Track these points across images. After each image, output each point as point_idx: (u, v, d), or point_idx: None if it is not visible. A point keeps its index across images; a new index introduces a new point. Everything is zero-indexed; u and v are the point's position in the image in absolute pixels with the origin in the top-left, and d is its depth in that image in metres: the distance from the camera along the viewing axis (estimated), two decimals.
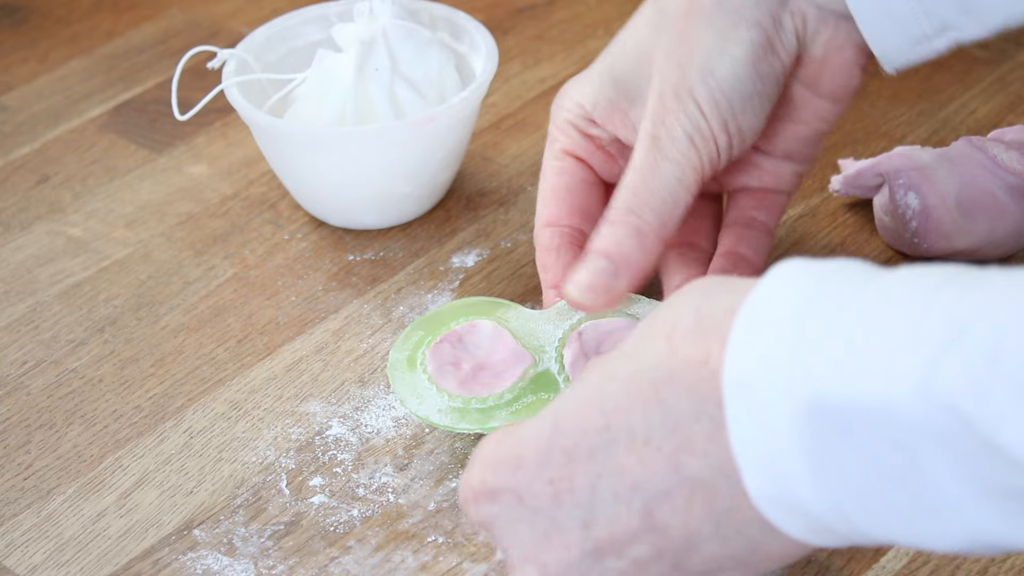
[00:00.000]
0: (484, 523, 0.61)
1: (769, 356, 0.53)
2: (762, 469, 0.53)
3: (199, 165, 0.92)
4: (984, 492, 0.50)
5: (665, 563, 0.57)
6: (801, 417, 0.52)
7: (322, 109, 0.84)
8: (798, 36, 0.73)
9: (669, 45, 0.72)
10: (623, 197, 0.71)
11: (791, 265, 0.55)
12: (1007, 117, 0.91)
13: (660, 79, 0.72)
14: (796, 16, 0.72)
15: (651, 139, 0.71)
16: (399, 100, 0.84)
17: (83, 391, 0.79)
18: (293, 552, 0.70)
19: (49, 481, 0.74)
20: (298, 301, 0.83)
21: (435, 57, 0.85)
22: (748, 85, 0.71)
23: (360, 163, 0.83)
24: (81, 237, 0.88)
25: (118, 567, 0.70)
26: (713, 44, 0.71)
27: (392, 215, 0.86)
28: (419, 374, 0.73)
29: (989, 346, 0.49)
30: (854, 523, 0.53)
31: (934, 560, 0.68)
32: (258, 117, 0.83)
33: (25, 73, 1.00)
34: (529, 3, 1.04)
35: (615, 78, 0.75)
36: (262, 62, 0.88)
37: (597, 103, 0.76)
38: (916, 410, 0.50)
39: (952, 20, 0.70)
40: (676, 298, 0.58)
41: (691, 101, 0.71)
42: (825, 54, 0.73)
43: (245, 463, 0.74)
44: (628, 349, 0.58)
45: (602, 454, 0.57)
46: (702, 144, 0.71)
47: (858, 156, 0.88)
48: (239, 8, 1.05)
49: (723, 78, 0.71)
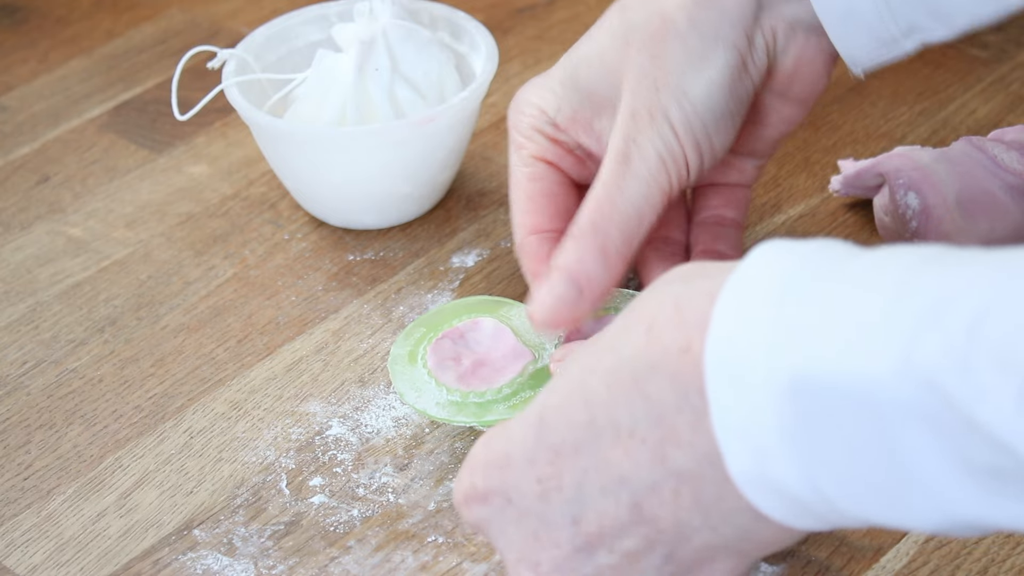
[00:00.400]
0: (477, 526, 0.61)
1: (749, 335, 0.53)
2: (744, 451, 0.53)
3: (199, 165, 0.92)
4: (964, 470, 0.50)
5: (657, 555, 0.57)
6: (782, 396, 0.52)
7: (322, 109, 0.84)
8: (768, 52, 0.73)
9: (641, 63, 0.71)
10: (588, 212, 0.71)
11: (772, 246, 0.55)
12: (1007, 117, 0.91)
13: (632, 97, 0.71)
14: (767, 33, 0.72)
15: (621, 156, 0.71)
16: (399, 100, 0.84)
17: (83, 391, 0.79)
18: (293, 552, 0.70)
19: (49, 481, 0.74)
20: (298, 301, 0.83)
21: (435, 57, 0.85)
22: (721, 106, 0.71)
23: (360, 163, 0.83)
24: (81, 237, 0.88)
25: (118, 567, 0.70)
26: (687, 66, 0.71)
27: (392, 215, 0.86)
28: (419, 368, 0.73)
29: (970, 322, 0.48)
30: (834, 503, 0.53)
31: (934, 560, 0.68)
32: (258, 117, 0.83)
33: (25, 73, 1.00)
34: (529, 3, 1.04)
35: (579, 87, 0.74)
36: (262, 62, 0.88)
37: (560, 110, 0.75)
38: (896, 387, 0.50)
39: (919, 22, 0.70)
40: (655, 287, 0.58)
41: (665, 122, 0.71)
42: (795, 66, 0.74)
43: (245, 463, 0.74)
44: (608, 340, 0.58)
45: (588, 449, 0.57)
46: (672, 165, 0.71)
47: (858, 156, 0.88)
48: (239, 8, 1.05)
49: (697, 100, 0.71)
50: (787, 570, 0.68)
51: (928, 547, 0.68)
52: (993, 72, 0.94)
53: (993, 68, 0.95)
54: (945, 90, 0.93)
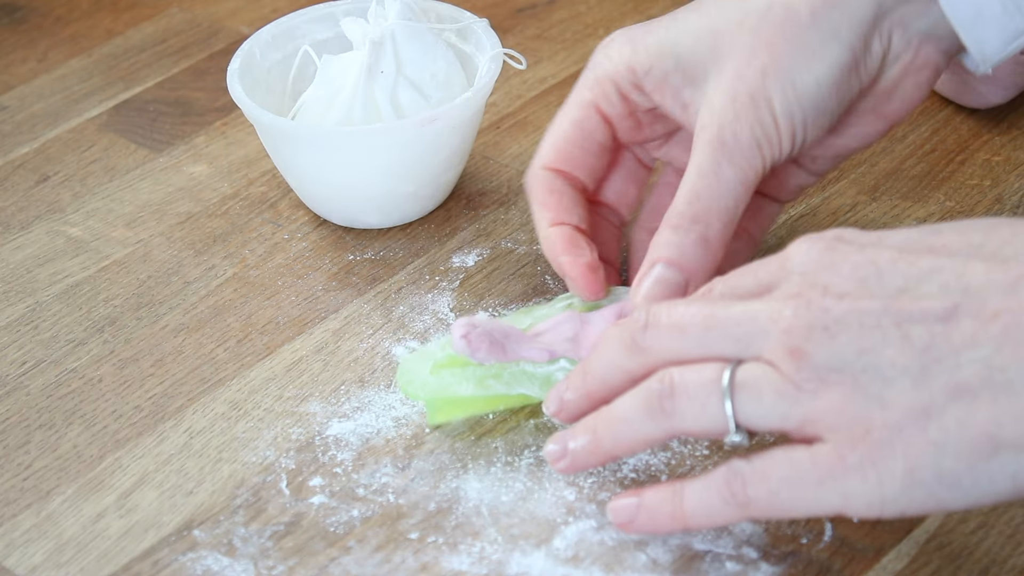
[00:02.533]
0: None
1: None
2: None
3: (199, 165, 0.92)
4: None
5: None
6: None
7: (330, 110, 0.84)
8: (882, 58, 0.73)
9: (753, 47, 0.71)
10: (687, 200, 0.71)
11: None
12: (1009, 116, 0.91)
13: (736, 79, 0.71)
14: (884, 38, 0.72)
15: (718, 142, 0.71)
16: (401, 103, 0.84)
17: (83, 391, 0.78)
18: (293, 552, 0.70)
19: (49, 481, 0.74)
20: (298, 301, 0.83)
21: (442, 57, 0.85)
22: (825, 102, 0.72)
23: (362, 163, 0.83)
24: (81, 237, 0.88)
25: (118, 567, 0.70)
26: (801, 58, 0.71)
27: (395, 215, 0.86)
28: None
29: None
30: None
31: (935, 560, 0.68)
32: (262, 116, 0.83)
33: (25, 73, 1.00)
34: (529, 3, 1.04)
35: (677, 54, 0.74)
36: (268, 60, 0.88)
37: (650, 72, 0.74)
38: None
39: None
40: None
41: (767, 109, 0.71)
42: (900, 76, 0.73)
43: (245, 463, 0.74)
44: None
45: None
46: (768, 150, 0.71)
47: (856, 157, 0.88)
48: (239, 8, 1.05)
49: (804, 93, 0.71)
50: (788, 570, 0.68)
51: (929, 547, 0.68)
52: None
53: None
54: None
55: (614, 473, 0.72)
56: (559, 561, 0.69)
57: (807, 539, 0.69)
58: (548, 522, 0.70)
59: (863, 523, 0.69)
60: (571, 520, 0.70)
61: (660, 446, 0.73)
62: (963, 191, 0.86)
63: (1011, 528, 0.69)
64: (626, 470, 0.72)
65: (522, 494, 0.72)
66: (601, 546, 0.69)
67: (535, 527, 0.70)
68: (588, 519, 0.70)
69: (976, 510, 0.69)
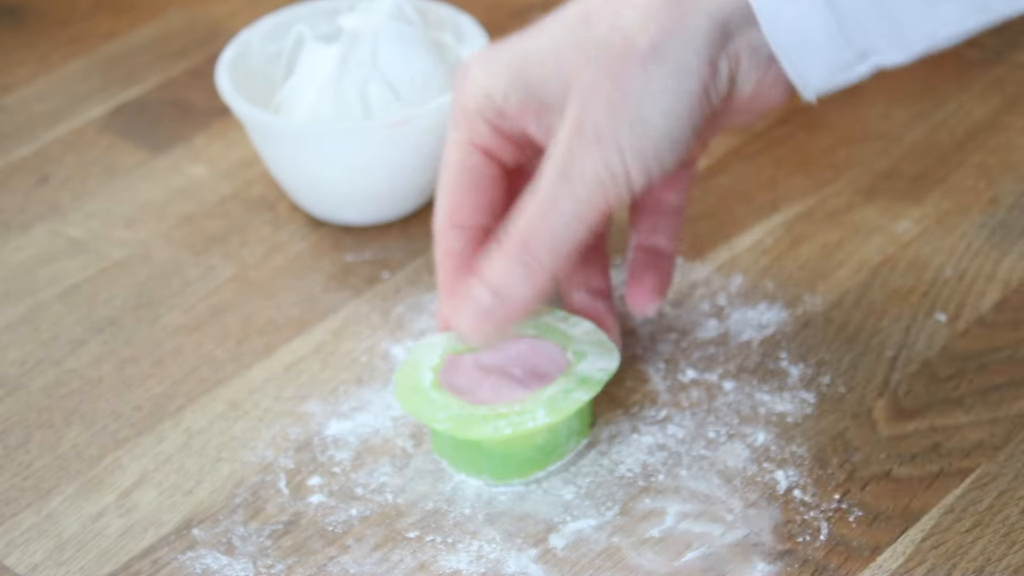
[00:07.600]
0: None
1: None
2: None
3: (198, 165, 0.92)
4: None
5: None
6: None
7: (304, 101, 0.84)
8: (731, 79, 0.69)
9: (596, 78, 0.68)
10: (520, 226, 0.69)
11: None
12: (1003, 119, 0.91)
13: (581, 111, 0.68)
14: (731, 59, 0.69)
15: (560, 174, 0.68)
16: (371, 99, 0.83)
17: (83, 391, 0.79)
18: (292, 551, 0.70)
19: (49, 481, 0.74)
20: (297, 301, 0.83)
21: (423, 60, 0.85)
22: (676, 133, 0.68)
23: (335, 161, 0.83)
24: (81, 238, 0.88)
25: (117, 566, 0.70)
26: (645, 93, 0.67)
27: (372, 213, 0.86)
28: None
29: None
30: None
31: (930, 559, 0.68)
32: (239, 105, 0.83)
33: (25, 74, 1.00)
34: (529, 4, 1.04)
35: (527, 82, 0.71)
36: (267, 51, 0.88)
37: (508, 97, 0.71)
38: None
39: (874, 46, 0.67)
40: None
41: (613, 146, 0.67)
42: (755, 91, 0.70)
43: (244, 463, 0.74)
44: None
45: None
46: (613, 188, 0.68)
47: (854, 157, 0.89)
48: (239, 8, 1.05)
49: (654, 126, 0.67)
50: (784, 569, 0.68)
51: (925, 546, 0.69)
52: (989, 74, 0.94)
53: (989, 69, 0.95)
54: (941, 91, 0.94)
55: (611, 472, 0.72)
56: (557, 560, 0.69)
57: (803, 538, 0.69)
58: (545, 521, 0.71)
59: (859, 522, 0.69)
60: (568, 519, 0.71)
61: (656, 446, 0.73)
62: (958, 192, 0.86)
63: (1006, 527, 0.69)
64: (622, 469, 0.72)
65: (520, 493, 0.72)
66: (599, 545, 0.69)
67: (533, 526, 0.70)
68: (586, 518, 0.71)
69: (972, 510, 0.70)
